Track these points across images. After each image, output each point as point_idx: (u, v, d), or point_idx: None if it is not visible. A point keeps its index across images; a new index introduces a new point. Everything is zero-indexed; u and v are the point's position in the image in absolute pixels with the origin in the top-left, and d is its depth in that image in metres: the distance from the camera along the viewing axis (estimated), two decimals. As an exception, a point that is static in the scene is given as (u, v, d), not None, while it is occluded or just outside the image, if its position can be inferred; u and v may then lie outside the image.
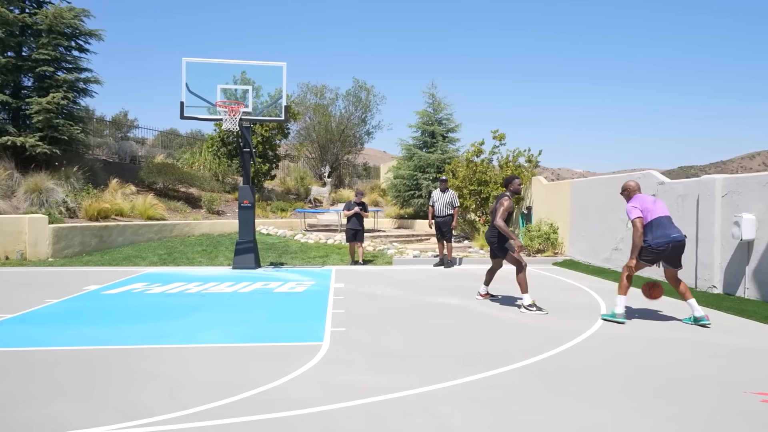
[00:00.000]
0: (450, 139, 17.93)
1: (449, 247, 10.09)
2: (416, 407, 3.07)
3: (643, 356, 4.21)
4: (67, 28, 12.88)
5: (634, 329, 5.16)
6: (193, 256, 10.72)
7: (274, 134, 18.35)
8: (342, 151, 25.38)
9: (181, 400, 3.15)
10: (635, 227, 5.34)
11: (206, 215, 15.08)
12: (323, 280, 8.28)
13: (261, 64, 9.84)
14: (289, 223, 16.28)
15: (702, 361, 4.08)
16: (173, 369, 3.76)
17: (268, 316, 5.67)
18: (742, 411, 3.08)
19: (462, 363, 3.96)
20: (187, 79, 9.21)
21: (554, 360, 4.08)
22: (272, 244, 12.34)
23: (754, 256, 6.67)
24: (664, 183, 8.25)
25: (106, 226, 11.53)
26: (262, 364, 3.90)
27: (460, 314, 5.81)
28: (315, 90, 24.42)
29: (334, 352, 4.21)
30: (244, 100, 9.78)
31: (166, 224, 12.99)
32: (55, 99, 12.17)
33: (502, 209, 6.11)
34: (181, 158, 18.57)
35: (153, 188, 15.29)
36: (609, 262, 9.62)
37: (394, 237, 14.42)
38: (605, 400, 3.22)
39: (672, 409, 3.10)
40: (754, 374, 3.77)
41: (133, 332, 4.85)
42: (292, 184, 21.37)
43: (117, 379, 3.52)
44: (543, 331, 5.02)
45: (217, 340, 4.59)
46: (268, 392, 3.29)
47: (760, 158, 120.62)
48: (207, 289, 7.26)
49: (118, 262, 10.08)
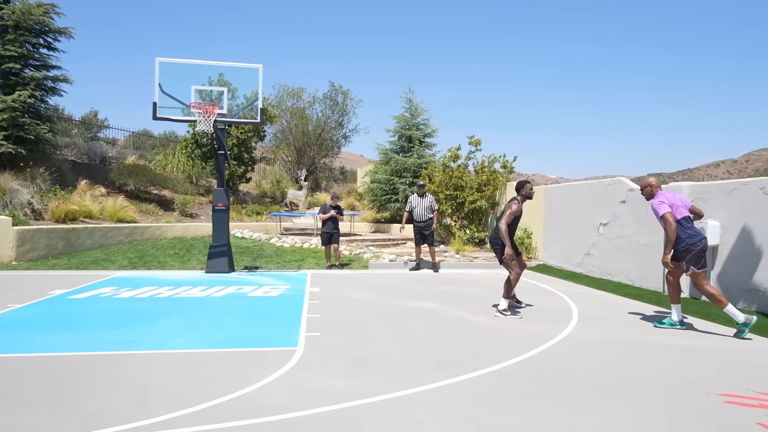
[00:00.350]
0: (427, 144, 18.03)
1: (432, 250, 10.13)
2: (390, 412, 3.07)
3: (612, 360, 4.30)
4: (35, 25, 12.48)
5: (605, 333, 5.26)
6: (165, 260, 10.50)
7: (250, 137, 18.14)
8: (319, 155, 25.26)
9: (151, 407, 3.08)
10: (668, 222, 5.14)
11: (179, 218, 14.79)
12: (298, 284, 8.21)
13: (237, 65, 9.73)
14: (265, 227, 16.10)
15: (668, 364, 4.18)
16: (143, 376, 3.68)
17: (241, 320, 5.60)
18: (707, 412, 3.17)
19: (436, 367, 3.98)
20: (161, 80, 9.04)
21: (528, 364, 4.14)
22: (247, 248, 12.18)
23: (719, 261, 6.90)
24: (634, 189, 8.47)
25: (73, 228, 11.19)
26: (234, 369, 3.84)
27: (436, 319, 5.83)
28: (292, 92, 24.28)
29: (309, 357, 4.20)
30: (219, 102, 9.66)
31: (137, 227, 12.69)
32: (22, 97, 11.78)
33: (509, 212, 5.95)
34: (153, 160, 18.17)
35: (124, 190, 14.92)
36: (581, 266, 9.82)
37: (370, 241, 14.40)
38: (576, 403, 3.28)
39: (639, 411, 3.17)
40: (719, 376, 3.88)
41: (101, 338, 4.75)
42: (268, 188, 21.16)
43: (83, 387, 3.42)
44: (517, 336, 5.08)
45: (188, 346, 4.53)
46: (241, 398, 3.24)
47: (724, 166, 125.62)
48: (179, 294, 7.12)
49: (86, 265, 9.80)
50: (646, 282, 8.07)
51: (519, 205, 6.04)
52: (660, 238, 7.76)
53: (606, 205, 9.09)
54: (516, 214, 6.04)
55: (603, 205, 9.18)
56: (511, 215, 5.96)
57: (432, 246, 10.12)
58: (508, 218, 5.95)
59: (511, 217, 5.98)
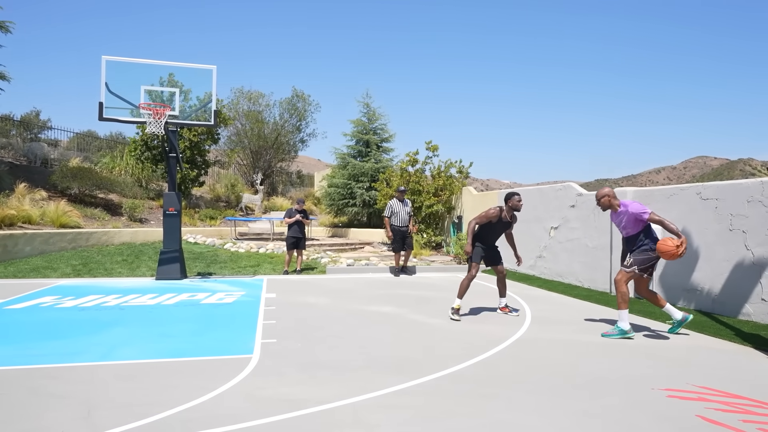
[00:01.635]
0: (384, 149, 18.16)
1: (408, 254, 10.18)
2: (347, 418, 3.06)
3: (563, 359, 4.45)
4: (-33, 17, 11.71)
5: (556, 333, 5.44)
6: (111, 267, 10.04)
7: (204, 139, 17.65)
8: (275, 159, 24.88)
9: (95, 422, 2.95)
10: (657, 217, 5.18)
11: (127, 223, 14.18)
12: (254, 290, 8.05)
13: (190, 66, 9.45)
14: (219, 232, 15.70)
15: (615, 362, 4.36)
16: (87, 389, 3.51)
17: (194, 329, 5.42)
18: (650, 406, 3.34)
19: (393, 371, 4.00)
20: (108, 79, 8.65)
21: (483, 365, 4.22)
22: (200, 254, 11.84)
23: (660, 263, 7.27)
24: (583, 194, 8.83)
25: (11, 234, 10.51)
26: (187, 380, 3.73)
27: (393, 322, 5.85)
28: (249, 95, 23.83)
29: (264, 365, 4.13)
30: (171, 103, 9.36)
31: (81, 232, 12.06)
32: (-48, 94, 10.99)
33: (483, 214, 6.09)
34: (99, 162, 17.36)
35: (67, 194, 14.17)
36: (533, 269, 10.13)
37: (327, 246, 14.32)
38: (529, 402, 3.37)
39: (589, 407, 3.30)
40: (662, 372, 4.07)
41: (42, 350, 4.50)
42: (223, 192, 20.65)
43: (22, 403, 3.25)
44: (473, 338, 5.17)
45: (137, 356, 4.35)
46: (192, 409, 3.15)
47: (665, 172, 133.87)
48: (127, 302, 6.83)
49: (25, 273, 9.23)
50: (595, 283, 8.41)
51: (497, 211, 6.09)
52: (607, 242, 8.12)
53: (557, 210, 9.43)
54: (491, 219, 6.09)
55: (554, 210, 9.51)
56: (483, 217, 6.08)
57: (410, 250, 10.18)
58: (480, 219, 6.09)
59: (483, 219, 6.09)
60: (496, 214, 6.10)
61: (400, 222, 10.06)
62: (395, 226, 10.08)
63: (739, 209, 6.18)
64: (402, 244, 10.09)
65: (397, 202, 10.16)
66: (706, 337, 5.31)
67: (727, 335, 5.30)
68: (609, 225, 8.12)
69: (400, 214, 10.07)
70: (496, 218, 6.13)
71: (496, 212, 6.11)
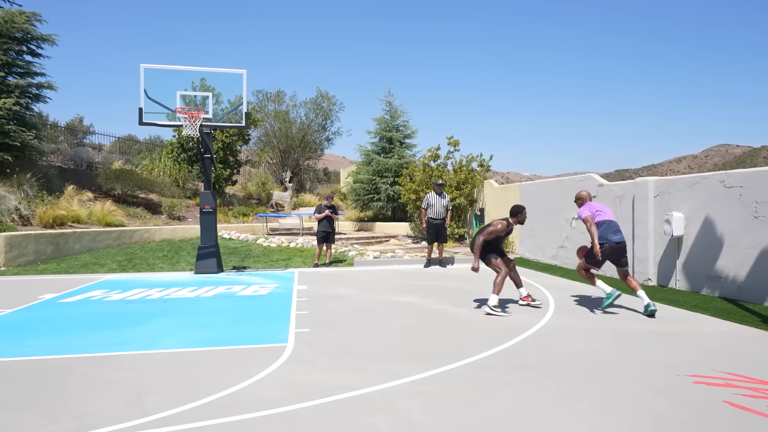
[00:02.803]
0: (407, 145, 18.40)
1: (441, 248, 10.48)
2: (378, 403, 3.16)
3: (587, 346, 4.48)
4: (18, 33, 12.52)
5: (579, 321, 5.52)
6: (153, 262, 10.65)
7: (235, 140, 18.31)
8: (302, 157, 25.46)
9: (145, 407, 3.11)
10: (589, 222, 6.00)
11: (167, 221, 14.92)
12: (286, 282, 8.41)
13: (221, 71, 9.93)
14: (251, 228, 16.29)
15: (639, 348, 4.38)
16: (136, 376, 3.71)
17: (231, 319, 5.69)
18: (677, 392, 3.34)
19: (420, 359, 4.08)
20: (146, 86, 9.18)
21: (508, 353, 4.27)
22: (234, 249, 12.36)
23: (683, 251, 7.32)
24: (604, 185, 8.89)
25: (62, 233, 11.29)
26: (226, 367, 3.90)
27: (419, 312, 6.00)
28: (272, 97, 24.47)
29: (298, 353, 4.27)
30: (204, 107, 9.84)
31: (125, 230, 12.81)
32: (7, 105, 11.82)
33: (491, 229, 6.12)
34: (140, 164, 18.24)
35: (111, 195, 14.99)
36: (556, 259, 10.23)
37: (354, 239, 14.69)
38: (554, 389, 3.41)
39: (613, 393, 3.32)
40: (687, 358, 4.07)
41: (93, 340, 4.75)
42: (254, 189, 21.31)
43: (77, 389, 3.44)
44: (497, 327, 5.25)
45: (179, 346, 4.54)
46: (233, 395, 3.30)
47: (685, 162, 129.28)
48: (169, 295, 7.22)
49: (76, 269, 9.89)
50: (616, 272, 8.47)
51: (504, 225, 6.14)
52: (628, 230, 8.19)
53: (579, 201, 9.49)
54: (499, 234, 6.16)
55: (576, 200, 9.58)
56: (491, 233, 6.11)
57: (444, 243, 10.44)
58: (488, 235, 6.11)
59: (491, 235, 6.12)
60: (503, 228, 6.13)
61: (436, 214, 10.30)
62: (430, 218, 10.34)
63: (764, 196, 6.17)
64: (436, 236, 10.33)
65: (434, 195, 10.41)
66: (732, 323, 5.30)
67: (753, 322, 5.28)
68: (631, 214, 8.18)
69: (435, 206, 10.30)
70: (503, 232, 6.20)
71: (504, 226, 6.13)
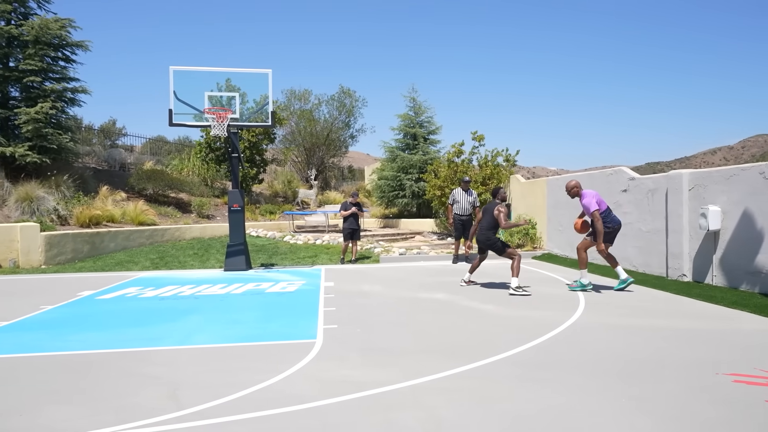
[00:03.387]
0: (431, 141, 18.31)
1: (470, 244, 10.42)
2: (407, 400, 3.16)
3: (620, 343, 4.38)
4: (53, 39, 12.97)
5: (611, 318, 5.40)
6: (184, 260, 10.90)
7: (261, 139, 18.58)
8: (327, 155, 25.69)
9: (181, 400, 3.19)
10: (597, 218, 6.71)
11: (196, 219, 15.25)
12: (313, 279, 8.48)
13: (247, 71, 10.08)
14: (278, 225, 16.50)
15: (675, 346, 4.26)
16: (170, 370, 3.79)
17: (261, 315, 5.76)
18: (716, 391, 3.24)
19: (450, 356, 4.07)
20: (175, 87, 9.37)
21: (538, 350, 4.22)
22: (262, 246, 12.54)
23: (720, 245, 7.07)
24: (635, 179, 8.67)
25: (97, 232, 11.67)
26: (257, 362, 3.96)
27: (447, 308, 5.98)
28: (299, 95, 24.73)
29: (327, 349, 4.30)
30: (231, 107, 10.00)
31: (157, 229, 13.15)
32: (44, 109, 12.27)
33: (503, 214, 7.01)
34: (170, 164, 18.72)
35: (143, 194, 15.42)
36: (587, 255, 10.02)
37: (380, 236, 14.73)
38: (586, 387, 3.35)
39: (648, 392, 3.24)
40: (726, 357, 3.94)
41: (129, 336, 4.88)
42: (280, 188, 21.60)
43: (115, 383, 3.55)
44: (527, 323, 5.18)
45: (212, 341, 4.63)
46: (265, 390, 3.35)
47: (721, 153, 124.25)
48: (200, 292, 7.35)
49: (111, 267, 10.20)
50: (650, 268, 8.27)
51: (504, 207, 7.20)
52: (661, 225, 7.97)
53: (607, 195, 9.27)
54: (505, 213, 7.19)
55: (604, 195, 9.33)
56: (506, 216, 7.08)
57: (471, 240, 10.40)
58: (506, 218, 7.05)
59: (507, 217, 7.11)
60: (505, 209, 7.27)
61: (462, 210, 10.25)
62: (456, 215, 10.30)
63: (806, 188, 5.93)
64: (462, 232, 10.29)
65: (460, 191, 10.37)
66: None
67: (793, 319, 5.06)
68: (664, 208, 7.95)
69: (461, 202, 10.26)
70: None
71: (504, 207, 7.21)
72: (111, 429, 2.79)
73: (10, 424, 2.89)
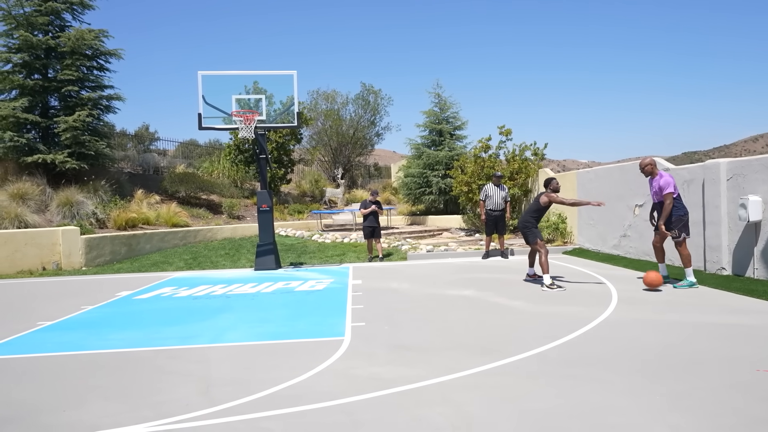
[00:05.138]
0: (457, 137, 18.15)
1: (502, 239, 10.39)
2: (436, 396, 3.17)
3: (654, 339, 4.28)
4: (88, 49, 13.44)
5: (645, 313, 5.26)
6: (216, 260, 11.16)
7: (288, 140, 18.82)
8: (353, 153, 25.82)
9: (213, 396, 3.28)
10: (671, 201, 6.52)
11: (227, 220, 15.58)
12: (341, 277, 8.57)
13: (272, 73, 10.23)
14: (306, 225, 16.69)
15: (711, 342, 4.14)
16: (204, 367, 3.90)
17: (290, 314, 5.85)
18: (754, 389, 3.13)
19: (478, 352, 4.06)
20: (204, 91, 9.58)
21: (568, 346, 4.15)
22: (291, 245, 12.72)
23: (762, 237, 6.78)
24: (670, 169, 8.40)
25: (134, 234, 12.07)
26: (287, 360, 4.02)
27: (475, 305, 5.95)
28: (326, 96, 24.94)
29: (356, 347, 4.34)
30: (258, 109, 10.17)
31: (190, 230, 13.51)
32: (81, 117, 12.74)
33: (561, 197, 7.23)
34: (200, 167, 19.17)
35: (176, 197, 15.84)
36: (618, 248, 9.78)
37: (407, 233, 14.72)
38: (619, 384, 3.27)
39: (683, 390, 3.15)
40: (762, 353, 3.80)
41: (165, 334, 5.03)
42: (307, 187, 21.84)
43: (152, 379, 3.67)
44: (557, 319, 5.12)
45: (243, 339, 4.73)
46: (294, 387, 3.41)
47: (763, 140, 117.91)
48: (231, 291, 7.52)
49: (147, 268, 10.53)
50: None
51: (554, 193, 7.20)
52: (698, 217, 7.71)
53: (640, 186, 9.02)
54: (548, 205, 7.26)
55: (637, 187, 9.12)
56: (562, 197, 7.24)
57: (503, 235, 10.36)
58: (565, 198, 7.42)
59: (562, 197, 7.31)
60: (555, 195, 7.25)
61: (494, 206, 10.18)
62: (489, 210, 10.24)
63: None
64: (494, 228, 10.23)
65: (492, 187, 10.30)
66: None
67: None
68: (701, 199, 7.69)
69: (494, 198, 10.19)
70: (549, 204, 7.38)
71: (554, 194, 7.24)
72: (149, 424, 2.89)
73: (57, 419, 3.03)
